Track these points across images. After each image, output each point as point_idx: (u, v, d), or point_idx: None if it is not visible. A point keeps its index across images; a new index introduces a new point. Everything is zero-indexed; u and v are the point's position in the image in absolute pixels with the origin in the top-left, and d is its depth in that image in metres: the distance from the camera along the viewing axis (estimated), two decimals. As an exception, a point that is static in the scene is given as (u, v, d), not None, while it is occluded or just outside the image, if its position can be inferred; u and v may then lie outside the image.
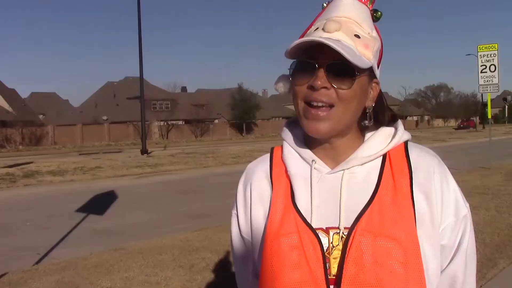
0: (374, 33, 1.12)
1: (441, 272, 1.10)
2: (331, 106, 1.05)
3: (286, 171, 1.15)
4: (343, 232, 1.05)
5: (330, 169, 1.12)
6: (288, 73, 1.11)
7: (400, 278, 1.00)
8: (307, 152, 1.14)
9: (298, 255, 1.04)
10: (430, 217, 1.06)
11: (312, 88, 1.05)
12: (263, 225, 1.13)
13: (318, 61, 1.04)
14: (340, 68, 1.03)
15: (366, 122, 1.13)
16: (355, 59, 1.01)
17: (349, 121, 1.09)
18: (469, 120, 78.48)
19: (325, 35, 1.05)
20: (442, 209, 1.08)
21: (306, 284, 1.03)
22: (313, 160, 1.12)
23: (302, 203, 1.09)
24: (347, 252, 1.02)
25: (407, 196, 1.06)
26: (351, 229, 1.04)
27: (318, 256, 1.04)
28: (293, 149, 1.17)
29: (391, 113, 1.19)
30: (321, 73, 1.04)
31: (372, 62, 1.08)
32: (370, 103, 1.13)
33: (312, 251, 1.04)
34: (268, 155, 1.22)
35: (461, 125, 74.03)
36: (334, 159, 1.12)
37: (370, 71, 1.09)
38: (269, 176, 1.17)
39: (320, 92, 1.04)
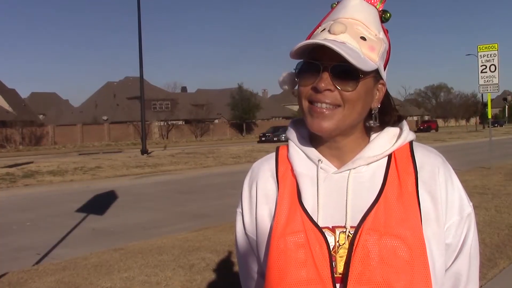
0: (382, 35, 1.11)
1: (446, 271, 1.11)
2: (336, 106, 1.06)
3: (292, 170, 1.15)
4: (349, 231, 1.06)
5: (336, 169, 1.12)
6: (293, 72, 1.12)
7: (406, 276, 1.01)
8: (313, 152, 1.14)
9: (305, 254, 1.05)
10: (436, 215, 1.07)
11: (316, 89, 1.05)
12: (269, 224, 1.14)
13: (323, 62, 1.04)
14: (345, 70, 1.03)
15: (371, 122, 1.13)
16: (359, 62, 1.01)
17: (353, 122, 1.09)
18: (430, 121, 72.96)
19: (331, 37, 1.05)
20: (446, 208, 1.09)
21: (313, 282, 1.04)
22: (319, 160, 1.13)
23: (309, 202, 1.10)
24: (353, 250, 1.03)
25: (413, 195, 1.06)
26: (357, 228, 1.05)
27: (325, 254, 1.04)
28: (299, 148, 1.17)
29: (396, 114, 1.19)
30: (325, 75, 1.04)
31: (377, 64, 1.07)
32: (376, 104, 1.13)
33: (318, 250, 1.05)
34: (273, 154, 1.22)
35: (421, 127, 66.93)
36: (340, 159, 1.13)
37: (376, 73, 1.09)
38: (275, 175, 1.17)
39: (324, 94, 1.05)
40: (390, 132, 1.15)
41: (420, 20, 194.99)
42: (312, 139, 1.16)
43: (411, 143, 1.15)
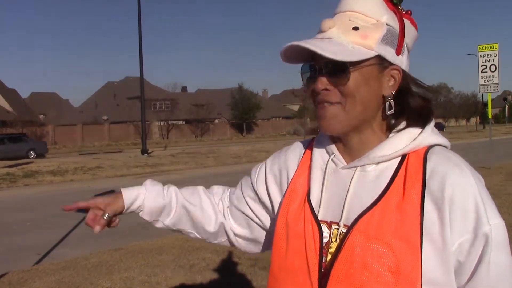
0: (385, 19, 1.05)
1: None
2: (337, 103, 1.04)
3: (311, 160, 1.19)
4: (342, 229, 1.05)
5: (346, 164, 1.11)
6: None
7: (387, 285, 0.97)
8: (331, 146, 1.14)
9: (300, 243, 1.08)
10: (441, 230, 0.99)
11: (315, 91, 1.06)
12: (277, 202, 1.23)
13: (317, 62, 1.04)
14: (334, 65, 1.01)
15: (388, 112, 1.06)
16: (342, 55, 0.99)
17: (361, 115, 1.05)
18: None
19: (320, 35, 1.05)
20: (456, 223, 0.98)
21: (302, 272, 1.06)
22: (332, 153, 1.14)
23: (315, 194, 1.11)
24: (341, 250, 1.02)
25: (416, 205, 1.00)
26: (349, 228, 1.03)
27: (316, 247, 1.06)
28: (321, 141, 1.18)
29: (421, 106, 1.08)
30: (320, 75, 1.04)
31: (376, 50, 1.02)
32: (388, 92, 1.06)
33: (311, 242, 1.06)
34: (308, 140, 1.27)
35: None
36: (351, 156, 1.11)
37: (380, 60, 1.04)
38: (298, 160, 1.22)
39: (323, 94, 1.05)
40: (410, 132, 1.07)
41: (420, 20, 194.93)
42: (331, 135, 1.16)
43: (430, 147, 1.06)
